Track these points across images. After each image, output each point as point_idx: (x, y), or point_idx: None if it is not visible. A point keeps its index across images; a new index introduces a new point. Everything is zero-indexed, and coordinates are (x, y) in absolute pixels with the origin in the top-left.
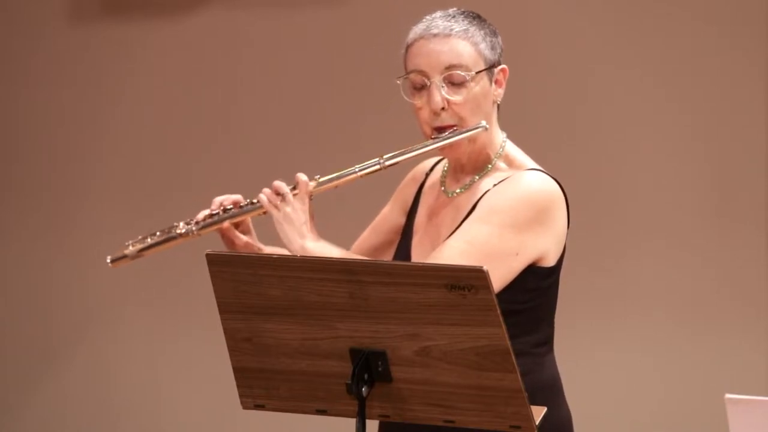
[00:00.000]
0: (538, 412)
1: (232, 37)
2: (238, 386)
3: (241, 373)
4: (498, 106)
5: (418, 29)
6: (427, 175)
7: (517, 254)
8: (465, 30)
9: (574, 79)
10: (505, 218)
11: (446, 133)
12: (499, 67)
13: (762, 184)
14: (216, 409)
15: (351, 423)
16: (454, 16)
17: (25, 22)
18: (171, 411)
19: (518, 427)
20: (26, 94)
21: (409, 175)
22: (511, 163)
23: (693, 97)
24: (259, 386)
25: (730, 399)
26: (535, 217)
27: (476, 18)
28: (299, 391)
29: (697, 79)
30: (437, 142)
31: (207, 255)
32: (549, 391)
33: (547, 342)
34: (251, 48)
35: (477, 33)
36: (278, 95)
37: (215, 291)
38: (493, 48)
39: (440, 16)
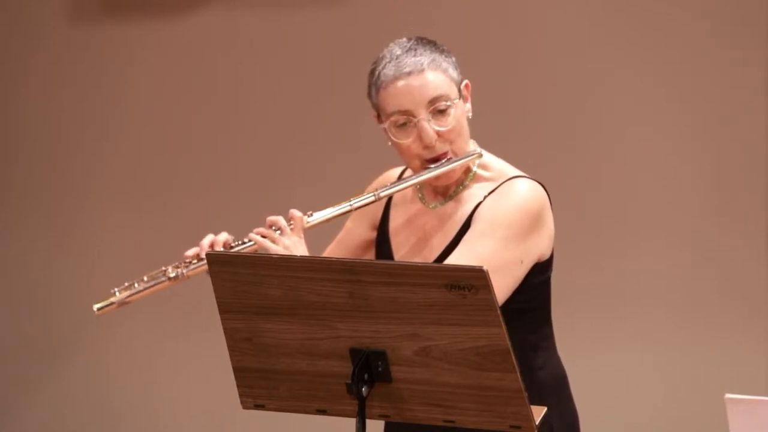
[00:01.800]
0: (538, 412)
1: (232, 37)
2: (238, 386)
3: (241, 373)
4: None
5: (388, 71)
6: None
7: (521, 262)
8: (433, 60)
9: (574, 80)
10: (508, 230)
11: (442, 162)
12: (463, 84)
13: (762, 184)
14: (216, 409)
15: (351, 423)
16: (415, 49)
17: (25, 22)
18: (171, 411)
19: (518, 427)
20: (26, 94)
21: (371, 189)
22: (491, 169)
23: (693, 98)
24: (259, 386)
25: (730, 399)
26: (533, 224)
27: (432, 44)
28: (299, 391)
29: (697, 79)
30: (432, 171)
31: (207, 255)
32: (562, 383)
33: (551, 336)
34: (251, 48)
35: (442, 59)
36: (278, 95)
37: (215, 291)
38: (456, 68)
39: (403, 53)
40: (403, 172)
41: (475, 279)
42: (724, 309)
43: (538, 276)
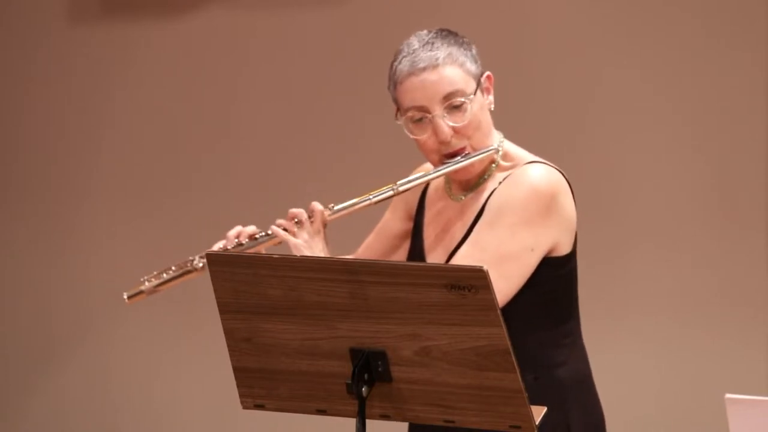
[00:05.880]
0: (538, 412)
1: (232, 37)
2: (238, 386)
3: (241, 373)
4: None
5: (403, 66)
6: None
7: (532, 250)
8: (449, 54)
9: (576, 81)
10: (516, 216)
11: (459, 157)
12: (484, 76)
13: (763, 186)
14: (216, 409)
15: (351, 423)
16: (432, 43)
17: (25, 22)
18: (171, 411)
19: (518, 427)
20: (26, 94)
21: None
22: (511, 159)
23: (694, 98)
24: (259, 386)
25: (730, 399)
26: (544, 209)
27: (451, 36)
28: (299, 391)
29: (698, 80)
30: (450, 166)
31: (207, 255)
32: (583, 382)
33: (575, 332)
34: (251, 48)
35: (459, 53)
36: (278, 95)
37: (215, 291)
38: (475, 62)
39: (420, 47)
40: None
41: (476, 279)
42: (724, 309)
43: (556, 270)
